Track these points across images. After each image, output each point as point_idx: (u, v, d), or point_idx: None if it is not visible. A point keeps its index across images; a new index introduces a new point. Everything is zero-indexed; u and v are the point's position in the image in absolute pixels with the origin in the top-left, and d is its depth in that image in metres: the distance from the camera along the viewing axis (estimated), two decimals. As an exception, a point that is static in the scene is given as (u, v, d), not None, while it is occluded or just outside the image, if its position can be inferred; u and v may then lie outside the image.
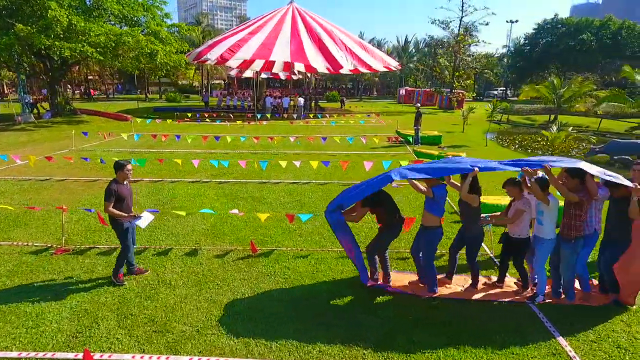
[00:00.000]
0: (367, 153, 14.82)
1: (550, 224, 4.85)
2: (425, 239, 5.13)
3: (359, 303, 5.08)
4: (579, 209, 4.71)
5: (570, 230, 4.79)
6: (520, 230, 5.02)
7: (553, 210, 4.80)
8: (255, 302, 5.10)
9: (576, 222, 4.75)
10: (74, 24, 19.64)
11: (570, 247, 4.85)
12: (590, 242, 4.98)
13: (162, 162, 10.54)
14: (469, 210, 5.04)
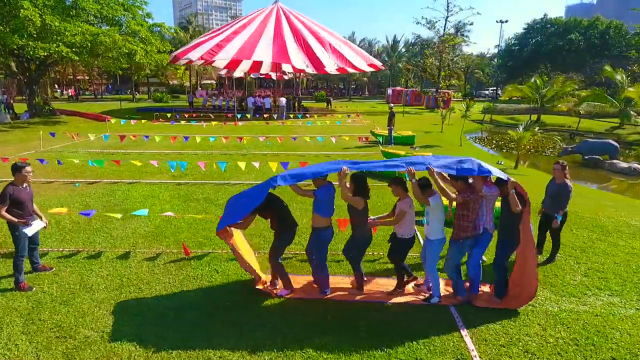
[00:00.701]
0: (337, 153, 14.73)
1: (437, 224, 4.78)
2: (314, 240, 5.04)
3: (277, 307, 4.99)
4: (465, 209, 4.68)
5: (459, 230, 4.78)
6: (404, 231, 4.94)
7: (437, 210, 4.73)
8: (171, 306, 5.00)
9: (463, 222, 4.72)
10: (49, 23, 19.45)
11: (456, 246, 4.83)
12: (481, 242, 4.91)
13: (119, 164, 10.40)
14: (354, 212, 4.94)
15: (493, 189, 4.77)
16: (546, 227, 6.34)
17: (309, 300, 5.09)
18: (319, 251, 5.04)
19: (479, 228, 4.82)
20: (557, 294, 5.35)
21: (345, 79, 63.25)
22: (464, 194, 4.66)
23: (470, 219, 4.72)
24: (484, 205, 4.81)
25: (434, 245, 4.86)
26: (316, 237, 5.01)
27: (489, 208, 4.83)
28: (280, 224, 5.07)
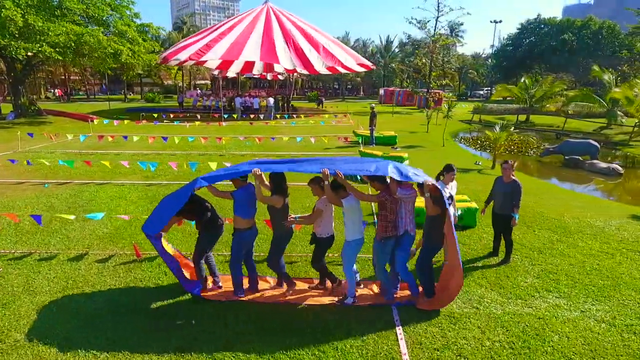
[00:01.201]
0: (317, 153, 14.67)
1: (352, 225, 4.77)
2: (234, 240, 4.99)
3: (214, 309, 4.91)
4: (383, 209, 4.70)
5: (379, 230, 4.79)
6: (321, 230, 4.92)
7: (352, 211, 4.72)
8: (111, 308, 4.93)
9: (382, 223, 4.73)
10: (31, 23, 19.35)
11: (378, 246, 4.84)
12: (403, 245, 4.87)
13: (90, 164, 10.33)
14: (272, 211, 4.91)
15: (408, 191, 4.72)
16: (500, 229, 6.30)
17: (256, 304, 5.02)
18: (234, 251, 4.98)
19: (399, 229, 4.78)
20: (504, 296, 5.30)
21: (339, 79, 63.16)
22: (379, 195, 4.68)
23: (389, 219, 4.71)
24: (403, 207, 4.76)
25: (350, 247, 4.84)
26: (235, 238, 4.96)
27: (408, 210, 4.79)
28: (204, 225, 5.02)
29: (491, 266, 6.13)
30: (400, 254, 4.91)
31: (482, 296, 5.27)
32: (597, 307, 5.06)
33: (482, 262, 6.27)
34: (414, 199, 4.77)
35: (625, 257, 6.51)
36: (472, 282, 5.64)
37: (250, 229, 4.95)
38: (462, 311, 4.93)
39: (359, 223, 4.82)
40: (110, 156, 14.04)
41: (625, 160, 17.44)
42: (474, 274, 5.87)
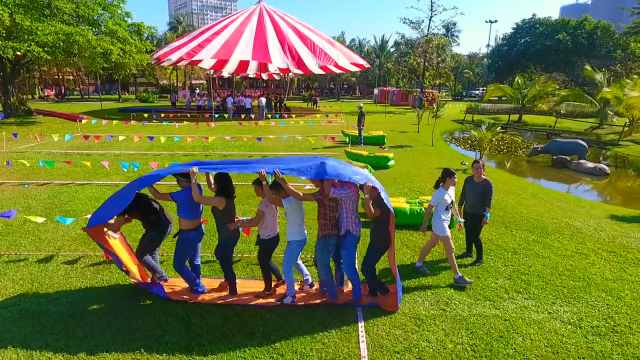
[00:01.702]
0: (303, 153, 14.62)
1: (293, 225, 4.75)
2: (177, 242, 4.95)
3: (177, 310, 4.84)
4: (322, 207, 4.68)
5: (320, 229, 4.75)
6: (264, 231, 4.88)
7: (292, 211, 4.70)
8: (73, 312, 4.85)
9: (322, 221, 4.70)
10: (19, 23, 19.21)
11: (319, 245, 4.80)
12: (346, 244, 4.80)
13: (71, 164, 10.24)
14: (216, 212, 4.85)
15: (344, 190, 4.61)
16: (472, 228, 6.25)
17: (214, 305, 4.95)
18: (179, 252, 4.93)
19: (341, 229, 4.74)
20: (473, 297, 5.25)
21: (335, 79, 63.09)
22: (316, 194, 4.69)
23: (328, 217, 4.68)
24: (343, 206, 4.71)
25: (290, 246, 4.82)
26: (179, 239, 4.91)
27: (349, 209, 4.71)
28: (149, 224, 4.98)
29: (463, 267, 6.08)
30: (345, 253, 4.84)
31: (451, 297, 5.22)
32: (565, 308, 5.02)
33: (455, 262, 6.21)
34: (353, 198, 4.67)
35: (600, 257, 6.48)
36: (441, 283, 5.60)
37: (195, 230, 4.89)
38: (429, 313, 4.88)
39: (301, 223, 4.79)
40: (94, 157, 13.97)
41: (615, 160, 17.45)
42: (445, 275, 5.82)
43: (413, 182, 10.92)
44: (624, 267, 6.17)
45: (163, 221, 5.12)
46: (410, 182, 10.84)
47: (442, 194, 5.52)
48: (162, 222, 5.10)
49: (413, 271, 5.92)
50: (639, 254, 6.66)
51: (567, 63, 53.90)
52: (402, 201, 8.08)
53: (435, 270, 5.98)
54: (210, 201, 4.75)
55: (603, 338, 4.47)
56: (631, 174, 14.89)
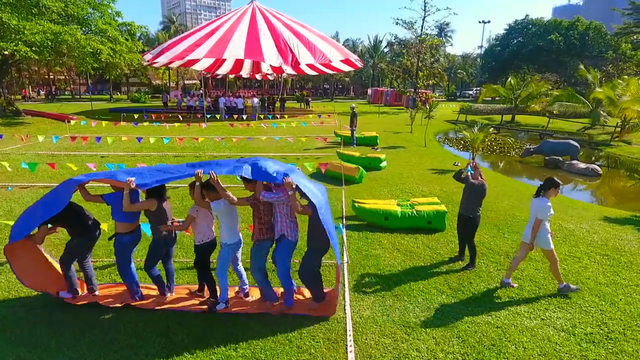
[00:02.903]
0: (294, 155, 14.44)
1: (225, 229, 4.64)
2: (114, 246, 4.81)
3: (154, 319, 4.65)
4: (256, 211, 4.60)
5: (255, 233, 4.66)
6: (197, 236, 4.74)
7: (222, 214, 4.58)
8: (44, 319, 4.65)
9: (256, 225, 4.62)
10: (5, 21, 18.85)
11: (254, 249, 4.70)
12: (280, 249, 4.65)
13: (54, 167, 9.97)
14: (149, 215, 4.71)
15: (275, 194, 4.45)
16: (465, 232, 6.13)
17: (194, 314, 4.77)
18: (120, 257, 4.78)
19: (276, 232, 4.62)
20: (465, 303, 5.12)
21: (329, 79, 62.97)
22: (249, 198, 4.59)
23: (263, 221, 4.59)
24: (277, 210, 4.57)
25: (222, 250, 4.71)
26: (115, 243, 4.77)
27: (283, 213, 4.56)
28: (75, 230, 4.81)
29: (455, 271, 5.95)
30: (278, 259, 4.69)
31: (442, 303, 5.09)
32: (559, 314, 4.90)
33: (446, 267, 6.09)
34: (284, 201, 4.49)
35: (592, 260, 6.38)
36: (433, 288, 5.46)
37: (131, 233, 4.74)
38: (419, 320, 4.73)
39: (232, 226, 4.67)
40: (82, 158, 13.70)
41: (607, 161, 17.46)
42: (436, 280, 5.68)
43: (405, 183, 10.79)
44: (617, 271, 6.07)
45: (92, 225, 4.90)
46: (402, 184, 10.71)
47: (549, 205, 5.12)
48: (90, 227, 4.88)
49: (404, 276, 5.77)
50: (632, 257, 6.57)
51: (559, 63, 54.20)
52: (394, 203, 7.95)
53: (427, 275, 5.84)
54: (141, 205, 4.60)
55: (597, 345, 4.35)
56: (623, 175, 14.88)
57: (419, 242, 6.95)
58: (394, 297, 5.23)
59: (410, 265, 6.14)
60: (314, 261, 4.80)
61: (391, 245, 6.82)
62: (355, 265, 6.09)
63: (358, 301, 5.13)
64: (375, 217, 7.52)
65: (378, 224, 7.52)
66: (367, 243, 6.90)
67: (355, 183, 10.64)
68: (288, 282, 4.79)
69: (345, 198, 9.29)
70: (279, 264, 4.70)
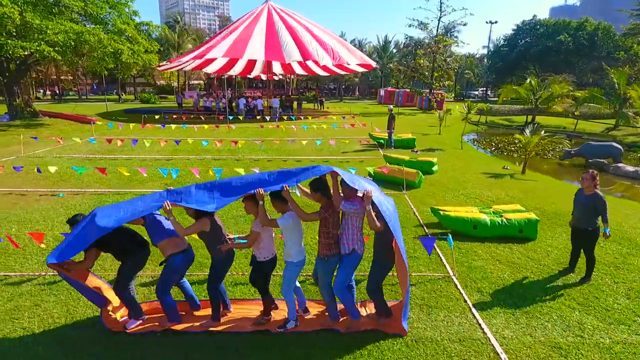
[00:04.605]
0: (335, 158, 14.14)
1: (293, 245, 4.30)
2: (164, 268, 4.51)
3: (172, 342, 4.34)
4: (325, 225, 4.25)
5: (322, 248, 4.32)
6: (260, 252, 4.42)
7: (289, 230, 4.26)
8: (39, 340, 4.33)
9: (325, 240, 4.28)
10: (29, 21, 18.44)
11: (321, 265, 4.39)
12: (346, 262, 4.35)
13: (105, 173, 9.61)
14: (204, 236, 4.36)
15: (353, 205, 4.17)
16: (579, 243, 5.83)
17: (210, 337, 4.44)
18: (165, 279, 4.47)
19: (345, 247, 4.30)
20: (604, 321, 4.82)
21: (337, 79, 62.70)
22: (320, 212, 4.24)
23: (331, 235, 4.26)
24: (349, 223, 4.26)
25: (289, 268, 4.36)
26: (166, 265, 4.46)
27: (355, 226, 4.27)
28: (128, 251, 4.45)
29: (572, 285, 5.65)
30: (341, 272, 4.38)
31: (581, 321, 4.79)
32: None
33: (560, 280, 5.80)
34: (361, 214, 4.23)
35: None
36: (560, 303, 5.16)
37: (183, 252, 4.43)
38: (567, 340, 4.43)
39: (300, 243, 4.38)
40: (120, 161, 13.34)
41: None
42: (559, 294, 5.38)
43: (465, 188, 10.49)
44: None
45: (143, 241, 4.59)
46: (463, 189, 10.41)
47: None
48: (143, 243, 4.57)
49: (522, 290, 5.47)
50: None
51: (567, 64, 54.10)
52: (476, 211, 7.65)
53: (545, 289, 5.54)
54: (195, 228, 4.24)
55: None
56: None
57: (517, 253, 6.66)
58: (525, 314, 4.94)
59: (519, 278, 5.85)
60: (382, 277, 4.56)
61: (489, 256, 6.53)
62: (464, 279, 5.79)
63: (489, 318, 4.83)
64: (462, 225, 7.21)
65: (465, 233, 7.22)
66: (463, 253, 6.60)
67: (414, 188, 10.35)
68: (347, 295, 4.50)
69: (407, 204, 9.03)
70: (342, 277, 4.39)
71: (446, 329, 4.61)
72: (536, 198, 9.65)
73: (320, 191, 4.21)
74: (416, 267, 6.14)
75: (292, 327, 4.48)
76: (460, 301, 5.20)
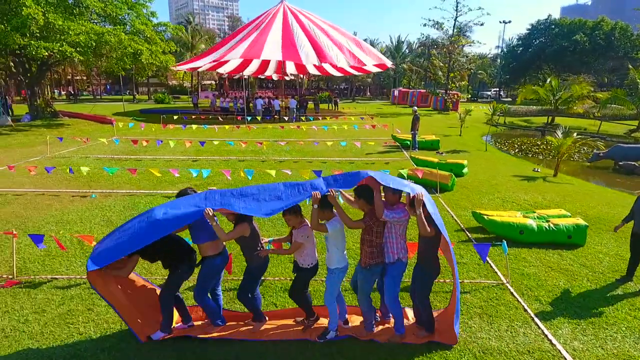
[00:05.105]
0: (360, 159, 14.01)
1: (336, 251, 4.17)
2: (201, 269, 4.39)
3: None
4: (368, 233, 4.09)
5: (365, 257, 4.16)
6: (304, 259, 4.30)
7: (336, 236, 4.12)
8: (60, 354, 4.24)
9: (368, 248, 4.11)
10: (52, 22, 18.58)
11: (363, 274, 4.23)
12: (391, 272, 4.20)
13: (135, 173, 9.59)
14: (242, 241, 4.25)
15: (399, 213, 4.04)
16: (638, 251, 5.65)
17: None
18: (204, 280, 4.38)
19: (389, 256, 4.15)
20: (675, 333, 4.63)
21: (349, 79, 62.55)
22: (365, 220, 4.09)
23: (375, 244, 4.10)
24: (393, 231, 4.11)
25: (334, 276, 4.22)
26: (204, 266, 4.33)
27: (399, 234, 4.13)
28: (177, 257, 4.31)
29: (634, 294, 5.46)
30: (390, 282, 4.23)
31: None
32: None
33: (620, 288, 5.61)
34: (405, 221, 4.10)
35: None
36: (626, 314, 4.97)
37: (221, 254, 4.33)
38: (641, 354, 4.26)
39: (343, 248, 4.25)
40: (145, 162, 13.32)
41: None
42: (621, 303, 5.20)
43: (500, 191, 10.30)
44: None
45: (190, 247, 4.47)
46: (498, 192, 10.22)
47: None
48: (190, 249, 4.45)
49: (582, 299, 5.30)
50: None
51: (582, 64, 53.44)
52: (520, 216, 7.47)
53: (605, 299, 5.36)
54: (236, 233, 4.12)
55: None
56: None
57: (567, 260, 6.47)
58: (590, 324, 4.77)
59: (575, 286, 5.67)
60: (429, 286, 4.39)
61: (539, 263, 6.35)
62: (518, 286, 5.63)
63: (554, 329, 4.67)
64: (508, 230, 7.03)
65: (510, 238, 7.04)
66: (511, 260, 6.42)
67: (447, 191, 10.18)
68: (399, 306, 4.37)
69: (443, 207, 8.87)
70: (392, 288, 4.26)
71: (512, 340, 4.46)
72: (576, 202, 9.43)
73: (365, 198, 4.06)
74: (465, 273, 6.00)
75: (332, 338, 4.36)
76: (520, 310, 5.05)
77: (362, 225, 4.10)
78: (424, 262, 4.29)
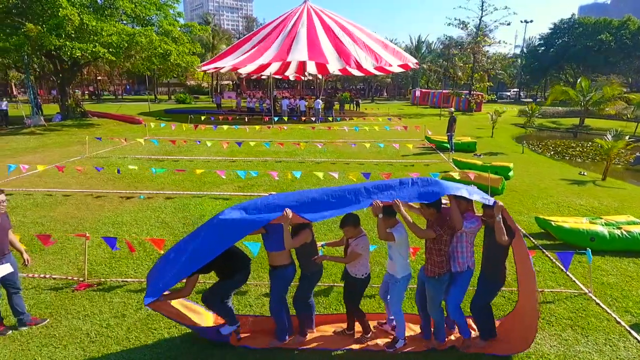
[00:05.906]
0: (397, 162, 13.81)
1: (402, 260, 4.07)
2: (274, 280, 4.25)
3: None
4: (438, 242, 3.93)
5: (433, 266, 4.01)
6: (357, 270, 4.16)
7: (401, 243, 3.99)
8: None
9: (436, 258, 3.97)
10: (86, 23, 18.79)
11: (432, 284, 4.08)
12: (460, 281, 4.07)
13: (182, 173, 9.58)
14: (302, 247, 4.10)
15: (474, 223, 3.91)
16: None
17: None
18: (278, 291, 4.28)
19: (457, 265, 4.02)
20: None
21: (367, 79, 62.21)
22: (437, 229, 3.91)
23: (443, 252, 3.96)
24: (464, 240, 3.98)
25: (399, 284, 4.14)
26: (277, 277, 4.21)
27: (469, 242, 4.01)
28: (234, 267, 4.18)
29: None
30: (455, 291, 4.12)
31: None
32: None
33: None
34: (476, 230, 3.98)
35: None
36: None
37: (292, 264, 4.22)
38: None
39: (406, 257, 4.16)
40: (182, 162, 13.34)
41: None
42: None
43: (552, 195, 10.01)
44: None
45: (245, 256, 4.37)
46: (550, 196, 9.93)
47: None
48: (245, 258, 4.34)
49: None
50: None
51: (607, 64, 52.21)
52: (586, 222, 7.22)
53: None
54: (300, 240, 4.00)
55: None
56: None
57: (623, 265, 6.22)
58: None
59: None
60: (492, 296, 4.28)
61: (617, 272, 6.11)
62: (602, 296, 5.41)
63: (653, 344, 4.45)
64: (578, 237, 6.79)
65: (580, 246, 6.78)
66: (586, 268, 6.19)
67: (497, 194, 9.94)
68: (462, 314, 4.27)
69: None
70: (457, 296, 4.16)
71: (614, 354, 4.26)
72: (636, 207, 9.11)
73: (435, 206, 3.89)
74: (543, 282, 5.79)
75: (402, 347, 4.24)
76: (612, 322, 4.83)
77: (432, 234, 3.95)
78: (491, 270, 4.13)
